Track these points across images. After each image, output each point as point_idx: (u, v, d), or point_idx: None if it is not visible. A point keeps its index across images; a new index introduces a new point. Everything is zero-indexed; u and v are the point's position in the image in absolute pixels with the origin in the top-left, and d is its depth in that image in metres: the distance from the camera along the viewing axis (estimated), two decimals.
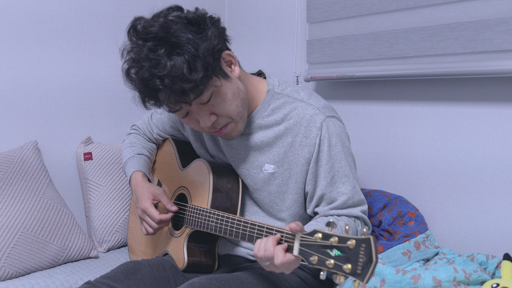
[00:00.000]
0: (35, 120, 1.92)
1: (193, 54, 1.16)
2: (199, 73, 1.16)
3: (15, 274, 1.64)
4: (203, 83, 1.19)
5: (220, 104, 1.26)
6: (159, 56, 1.15)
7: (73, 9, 1.98)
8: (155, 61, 1.16)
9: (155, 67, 1.15)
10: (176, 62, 1.15)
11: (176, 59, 1.15)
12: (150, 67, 1.16)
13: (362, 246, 0.92)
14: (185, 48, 1.16)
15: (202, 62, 1.17)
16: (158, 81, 1.16)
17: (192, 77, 1.16)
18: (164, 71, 1.15)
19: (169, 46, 1.16)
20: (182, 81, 1.15)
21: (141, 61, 1.17)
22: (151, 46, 1.16)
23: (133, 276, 1.35)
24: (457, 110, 1.69)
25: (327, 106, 1.37)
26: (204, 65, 1.17)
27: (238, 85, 1.30)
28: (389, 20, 1.77)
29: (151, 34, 1.17)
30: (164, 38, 1.16)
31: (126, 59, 1.22)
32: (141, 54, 1.17)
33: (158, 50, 1.16)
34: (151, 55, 1.16)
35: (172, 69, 1.14)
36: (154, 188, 1.52)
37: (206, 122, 1.27)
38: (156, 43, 1.16)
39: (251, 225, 1.21)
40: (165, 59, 1.15)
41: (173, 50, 1.16)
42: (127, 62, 1.22)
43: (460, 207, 1.69)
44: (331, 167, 1.33)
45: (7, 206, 1.68)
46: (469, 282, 1.37)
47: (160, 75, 1.15)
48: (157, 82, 1.16)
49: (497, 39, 1.51)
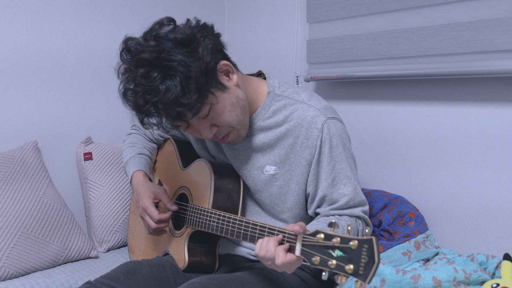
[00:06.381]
0: (35, 120, 1.92)
1: (185, 76, 1.16)
2: (193, 95, 1.16)
3: (15, 274, 1.64)
4: (199, 102, 1.19)
5: (219, 116, 1.26)
6: (151, 82, 1.15)
7: (72, 9, 1.98)
8: (148, 88, 1.16)
9: (148, 93, 1.16)
10: (169, 86, 1.15)
11: (168, 83, 1.15)
12: (144, 93, 1.17)
13: (365, 246, 0.92)
14: (177, 70, 1.16)
15: (195, 83, 1.17)
16: (152, 108, 1.17)
17: (185, 100, 1.16)
18: (157, 98, 1.15)
19: (161, 70, 1.16)
20: (176, 105, 1.16)
21: (135, 86, 1.18)
22: (143, 72, 1.17)
23: (133, 276, 1.35)
24: (457, 110, 1.69)
25: (328, 107, 1.37)
26: (197, 86, 1.17)
27: (237, 93, 1.29)
28: (389, 20, 1.77)
29: (142, 61, 1.17)
30: (155, 64, 1.16)
31: (122, 80, 1.23)
32: (135, 80, 1.18)
33: (150, 75, 1.16)
34: (144, 82, 1.16)
35: (165, 94, 1.15)
36: (155, 187, 1.52)
37: (207, 134, 1.28)
38: (148, 69, 1.17)
39: (252, 225, 1.21)
40: (158, 83, 1.15)
41: (166, 74, 1.16)
42: (123, 84, 1.22)
43: (460, 207, 1.69)
44: (333, 169, 1.33)
45: (7, 206, 1.68)
46: (469, 282, 1.37)
47: (153, 101, 1.16)
48: (151, 109, 1.18)
49: (497, 39, 1.51)
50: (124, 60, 1.21)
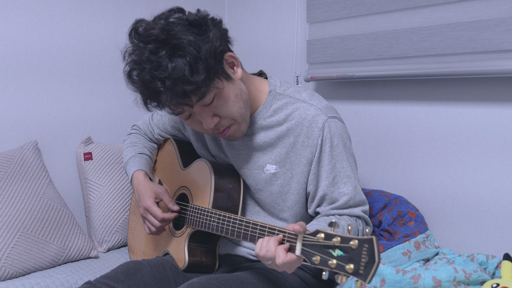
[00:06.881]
0: (35, 120, 1.92)
1: (194, 56, 1.16)
2: (200, 75, 1.16)
3: (15, 274, 1.64)
4: (205, 85, 1.19)
5: (223, 106, 1.26)
6: (160, 58, 1.15)
7: (73, 9, 1.98)
8: (156, 63, 1.15)
9: (156, 69, 1.15)
10: (177, 64, 1.14)
11: (177, 61, 1.15)
12: (151, 69, 1.16)
13: (365, 246, 0.92)
14: (186, 50, 1.15)
15: (204, 64, 1.17)
16: (159, 83, 1.16)
17: (193, 79, 1.15)
18: (165, 73, 1.15)
19: (170, 48, 1.15)
20: (184, 83, 1.15)
21: (142, 63, 1.17)
22: (152, 48, 1.16)
23: (133, 276, 1.35)
24: (457, 110, 1.69)
25: (328, 106, 1.37)
26: (206, 67, 1.17)
27: (240, 86, 1.30)
28: (389, 20, 1.77)
29: (152, 37, 1.17)
30: (165, 40, 1.16)
31: (128, 61, 1.22)
32: (142, 57, 1.17)
33: (159, 52, 1.15)
34: (152, 57, 1.16)
35: (173, 71, 1.14)
36: (156, 187, 1.52)
37: (209, 124, 1.27)
38: (157, 45, 1.16)
39: (253, 225, 1.21)
40: (166, 61, 1.15)
41: (175, 52, 1.15)
42: (129, 64, 1.22)
43: (460, 207, 1.69)
44: (333, 168, 1.33)
45: (7, 206, 1.68)
46: (469, 282, 1.37)
47: (161, 77, 1.15)
48: (158, 84, 1.16)
49: (497, 39, 1.51)
50: (133, 40, 1.21)
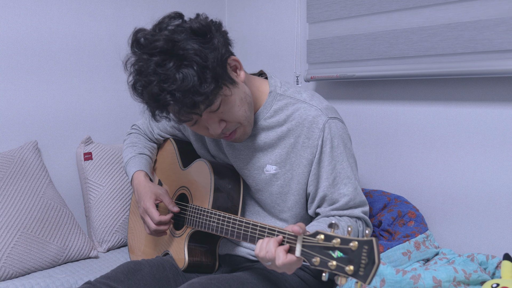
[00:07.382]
0: (35, 120, 1.92)
1: (202, 66, 1.14)
2: (210, 85, 1.15)
3: (15, 274, 1.64)
4: (214, 93, 1.18)
5: (229, 111, 1.25)
6: (168, 71, 1.13)
7: (72, 9, 1.98)
8: (164, 76, 1.13)
9: (164, 81, 1.13)
10: (185, 75, 1.13)
11: (185, 71, 1.13)
12: (159, 82, 1.14)
13: (365, 247, 0.92)
14: (193, 60, 1.14)
15: (212, 72, 1.15)
16: (168, 96, 1.14)
17: (203, 89, 1.14)
18: (174, 85, 1.13)
19: (177, 59, 1.14)
20: (194, 94, 1.14)
21: (149, 75, 1.15)
22: (159, 60, 1.14)
23: (133, 276, 1.35)
24: (457, 110, 1.69)
25: (329, 107, 1.37)
26: (214, 76, 1.16)
27: (244, 89, 1.29)
28: (389, 20, 1.77)
29: (157, 49, 1.14)
30: (170, 52, 1.14)
31: (131, 72, 1.20)
32: (148, 69, 1.15)
33: (166, 64, 1.13)
34: (159, 70, 1.14)
35: (182, 82, 1.13)
36: (156, 188, 1.52)
37: (216, 129, 1.27)
38: (164, 57, 1.14)
39: (252, 226, 1.21)
40: (174, 73, 1.13)
41: (181, 63, 1.13)
42: (133, 76, 1.20)
43: (460, 207, 1.69)
44: (333, 168, 1.33)
45: (7, 206, 1.68)
46: (469, 282, 1.37)
47: (170, 90, 1.13)
48: (167, 97, 1.14)
49: (497, 39, 1.51)
50: (135, 51, 1.19)
